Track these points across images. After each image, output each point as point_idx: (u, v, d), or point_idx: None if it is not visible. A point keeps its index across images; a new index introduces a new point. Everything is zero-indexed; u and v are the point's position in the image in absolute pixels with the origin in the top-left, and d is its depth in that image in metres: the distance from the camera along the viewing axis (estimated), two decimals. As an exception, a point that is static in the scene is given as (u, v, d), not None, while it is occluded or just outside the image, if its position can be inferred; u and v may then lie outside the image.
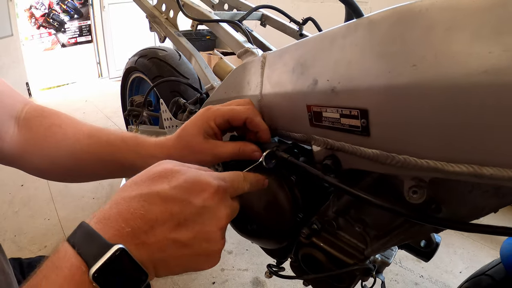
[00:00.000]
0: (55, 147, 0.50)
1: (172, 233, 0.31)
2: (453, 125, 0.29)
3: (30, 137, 0.50)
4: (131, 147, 0.49)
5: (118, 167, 0.51)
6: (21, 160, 0.51)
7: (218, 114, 0.46)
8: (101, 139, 0.50)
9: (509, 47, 0.27)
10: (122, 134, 0.51)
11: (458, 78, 0.28)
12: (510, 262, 0.77)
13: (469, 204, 0.40)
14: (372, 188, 0.44)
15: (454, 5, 0.30)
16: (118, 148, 0.50)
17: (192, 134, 0.47)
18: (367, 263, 0.50)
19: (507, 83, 0.27)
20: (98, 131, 0.51)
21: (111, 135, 0.51)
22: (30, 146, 0.50)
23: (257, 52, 0.64)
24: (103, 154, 0.50)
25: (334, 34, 0.38)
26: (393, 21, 0.33)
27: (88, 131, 0.51)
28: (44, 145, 0.50)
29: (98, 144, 0.50)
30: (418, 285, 1.41)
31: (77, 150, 0.50)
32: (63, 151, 0.50)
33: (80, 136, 0.50)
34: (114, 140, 0.50)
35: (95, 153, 0.50)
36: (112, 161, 0.50)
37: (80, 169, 0.51)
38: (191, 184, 0.32)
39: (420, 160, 0.32)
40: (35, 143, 0.50)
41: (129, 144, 0.50)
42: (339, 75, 0.36)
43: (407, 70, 0.30)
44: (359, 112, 0.35)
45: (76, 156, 0.50)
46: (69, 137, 0.50)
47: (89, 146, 0.50)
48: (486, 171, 0.30)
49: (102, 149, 0.50)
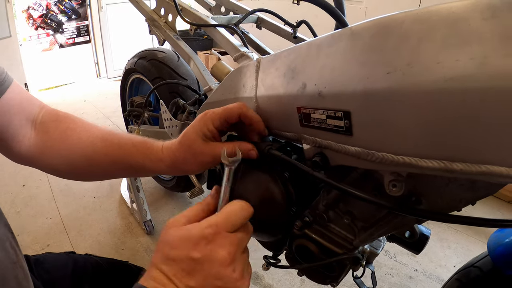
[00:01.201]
0: (70, 150, 0.54)
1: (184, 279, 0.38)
2: (423, 126, 0.33)
3: (47, 140, 0.54)
4: (141, 151, 0.53)
5: (129, 168, 0.55)
6: (39, 161, 0.55)
7: (214, 116, 0.49)
8: (113, 143, 0.54)
9: (474, 55, 0.31)
10: (132, 138, 0.55)
11: (428, 84, 0.32)
12: (496, 254, 0.80)
13: (447, 197, 0.43)
14: (358, 183, 0.48)
15: (425, 18, 0.34)
16: (129, 152, 0.53)
17: (192, 139, 0.50)
18: (356, 253, 0.53)
19: (471, 88, 0.31)
20: (110, 135, 0.55)
21: (122, 140, 0.54)
22: (47, 148, 0.54)
23: (252, 56, 0.68)
24: (115, 157, 0.54)
25: (321, 42, 0.42)
26: (372, 32, 0.36)
27: (101, 135, 0.55)
28: (61, 148, 0.54)
29: (110, 147, 0.54)
30: (413, 279, 1.44)
31: (91, 152, 0.54)
32: (78, 154, 0.54)
33: (94, 139, 0.54)
34: (125, 145, 0.54)
35: (108, 155, 0.54)
36: (124, 163, 0.54)
37: (94, 169, 0.56)
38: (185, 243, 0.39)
39: (396, 156, 0.36)
40: (52, 146, 0.54)
41: (139, 149, 0.53)
42: (325, 80, 0.40)
43: (382, 77, 0.34)
44: (342, 114, 0.38)
45: (90, 158, 0.54)
46: (83, 141, 0.54)
47: (102, 149, 0.54)
48: (456, 166, 0.33)
49: (114, 152, 0.53)
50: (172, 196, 1.96)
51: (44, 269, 0.67)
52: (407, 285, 1.41)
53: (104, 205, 1.87)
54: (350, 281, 0.96)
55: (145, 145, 0.54)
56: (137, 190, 1.63)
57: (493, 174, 0.32)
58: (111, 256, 1.46)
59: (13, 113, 0.52)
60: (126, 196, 1.85)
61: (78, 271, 0.70)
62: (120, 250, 1.56)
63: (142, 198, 1.64)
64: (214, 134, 0.51)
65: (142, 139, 0.55)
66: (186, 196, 1.93)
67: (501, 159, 0.31)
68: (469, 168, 0.33)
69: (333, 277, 0.56)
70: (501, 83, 0.29)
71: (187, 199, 1.93)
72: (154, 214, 1.79)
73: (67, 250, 1.14)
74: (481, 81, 0.30)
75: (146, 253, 1.54)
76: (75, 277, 0.69)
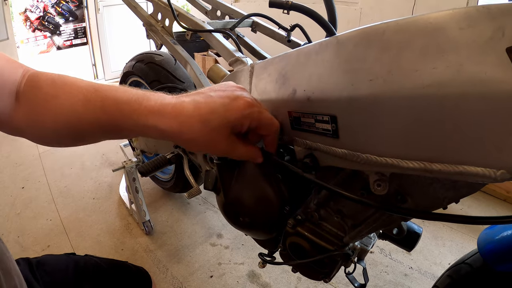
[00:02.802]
0: (54, 121, 0.47)
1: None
2: (404, 129, 0.36)
3: (29, 111, 0.48)
4: (127, 115, 0.45)
5: (116, 133, 0.48)
6: (26, 133, 0.49)
7: (261, 118, 0.45)
8: (96, 107, 0.46)
9: (450, 63, 0.33)
10: (117, 97, 0.46)
11: (407, 91, 0.34)
12: (486, 251, 0.82)
13: (431, 195, 0.46)
14: (346, 183, 0.50)
15: (405, 28, 0.36)
16: (113, 116, 0.45)
17: (221, 124, 0.43)
18: (346, 249, 0.56)
19: (447, 94, 0.33)
20: (94, 95, 0.47)
21: (106, 100, 0.46)
22: (31, 120, 0.48)
23: (246, 61, 0.70)
24: (100, 121, 0.46)
25: (309, 50, 0.45)
26: (356, 41, 0.39)
27: (83, 96, 0.47)
28: (43, 119, 0.47)
29: (93, 112, 0.46)
30: (408, 276, 1.45)
31: (75, 121, 0.47)
32: (61, 123, 0.47)
33: (76, 104, 0.46)
34: (109, 107, 0.46)
35: (92, 121, 0.46)
36: (110, 129, 0.47)
37: (81, 135, 0.49)
38: None
39: (379, 157, 0.38)
40: (34, 118, 0.48)
41: (124, 112, 0.45)
42: (313, 86, 0.43)
43: (365, 84, 0.36)
44: (329, 118, 0.41)
45: (74, 125, 0.47)
46: (66, 108, 0.47)
47: (86, 114, 0.46)
48: (435, 167, 0.36)
49: (97, 116, 0.46)
50: (170, 197, 1.98)
51: (45, 272, 0.67)
52: (402, 282, 1.42)
53: (103, 206, 1.89)
54: (346, 279, 0.98)
55: (130, 106, 0.45)
56: (136, 191, 1.64)
57: (470, 174, 0.34)
58: (111, 256, 1.48)
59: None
60: (125, 197, 1.87)
61: (79, 273, 0.71)
62: (119, 250, 1.58)
63: (141, 199, 1.66)
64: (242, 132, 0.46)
65: (128, 96, 0.46)
66: (184, 196, 1.95)
67: (477, 160, 0.33)
68: (447, 168, 0.35)
69: (325, 273, 0.59)
70: (475, 89, 0.31)
71: (185, 200, 1.95)
72: (153, 215, 1.81)
73: (67, 251, 1.15)
74: (457, 87, 0.32)
75: (145, 253, 1.56)
76: (76, 278, 0.69)
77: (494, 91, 0.30)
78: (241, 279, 1.42)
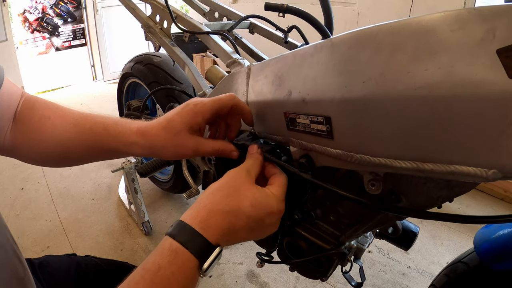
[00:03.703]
0: (44, 140, 0.52)
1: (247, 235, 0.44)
2: (396, 130, 0.36)
3: (22, 130, 0.52)
4: (113, 135, 0.52)
5: (102, 153, 0.54)
6: (15, 151, 0.54)
7: (206, 109, 0.49)
8: (85, 128, 0.53)
9: (442, 65, 0.34)
10: (104, 121, 0.53)
11: (399, 92, 0.35)
12: (482, 250, 0.82)
13: (425, 195, 0.46)
14: (342, 182, 0.51)
15: (397, 30, 0.37)
16: (100, 136, 0.52)
17: (178, 129, 0.49)
18: (343, 248, 0.56)
19: (439, 95, 0.34)
20: (83, 119, 0.54)
21: (94, 124, 0.53)
22: (22, 140, 0.53)
23: (243, 62, 0.71)
24: (87, 142, 0.52)
25: (305, 52, 0.45)
26: (350, 44, 0.39)
27: (74, 120, 0.53)
28: (35, 138, 0.52)
29: (82, 133, 0.52)
30: (406, 275, 1.46)
31: (65, 140, 0.52)
32: (52, 142, 0.52)
33: (67, 125, 0.53)
34: (97, 129, 0.52)
35: (81, 141, 0.53)
36: (97, 148, 0.53)
37: (68, 156, 0.54)
38: (265, 207, 0.44)
39: (373, 158, 0.39)
40: (27, 137, 0.53)
41: (110, 133, 0.52)
42: (308, 88, 0.43)
43: (358, 86, 0.37)
44: (324, 119, 0.42)
45: (64, 145, 0.53)
46: (57, 128, 0.53)
47: (76, 135, 0.52)
48: (427, 167, 0.36)
49: (86, 137, 0.52)
50: (169, 197, 1.98)
51: (47, 273, 0.68)
52: (400, 281, 1.43)
53: (103, 207, 1.89)
54: (344, 278, 0.99)
55: (116, 128, 0.52)
56: (135, 192, 1.65)
57: (461, 174, 0.34)
58: (110, 257, 1.49)
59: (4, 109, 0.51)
60: (124, 198, 1.88)
61: (81, 274, 0.71)
62: (119, 251, 1.58)
63: (140, 200, 1.66)
64: (202, 127, 0.51)
65: (114, 120, 0.54)
66: (183, 197, 1.95)
67: (468, 160, 0.34)
68: (439, 168, 0.36)
69: (322, 271, 0.59)
70: (466, 90, 0.32)
71: (184, 200, 1.95)
72: (152, 215, 1.82)
73: (66, 251, 1.16)
74: (448, 89, 0.33)
75: (144, 254, 1.57)
76: (78, 279, 0.70)
77: (485, 92, 0.31)
78: (240, 279, 1.43)
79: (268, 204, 0.44)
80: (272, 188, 0.46)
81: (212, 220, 0.41)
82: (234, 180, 0.45)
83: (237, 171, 0.46)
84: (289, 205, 0.58)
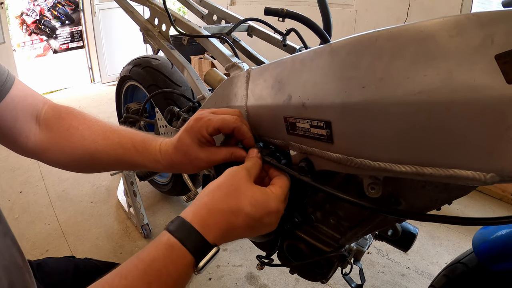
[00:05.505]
0: (74, 148, 0.57)
1: (244, 233, 0.44)
2: (396, 134, 0.37)
3: (51, 137, 0.57)
4: (140, 152, 0.56)
5: (129, 166, 0.58)
6: (44, 156, 0.58)
7: (209, 124, 0.51)
8: (114, 142, 0.57)
9: (441, 70, 0.34)
10: (132, 137, 0.57)
11: (398, 98, 0.35)
12: (480, 250, 0.83)
13: (424, 198, 0.47)
14: (342, 186, 0.51)
15: (396, 36, 0.37)
16: (129, 151, 0.56)
17: (188, 144, 0.52)
18: (342, 251, 0.57)
19: (438, 100, 0.34)
20: (111, 133, 0.58)
21: (123, 139, 0.57)
22: (52, 145, 0.57)
23: (243, 66, 0.71)
24: (115, 155, 0.57)
25: (304, 57, 0.46)
26: (349, 49, 0.40)
27: (103, 133, 0.58)
28: (65, 145, 0.57)
29: (111, 146, 0.57)
30: (405, 276, 1.46)
31: (94, 150, 0.57)
32: (80, 150, 0.57)
33: (96, 137, 0.57)
34: (126, 144, 0.56)
35: (110, 154, 0.57)
36: (124, 162, 0.57)
37: (96, 164, 0.59)
38: (264, 207, 0.44)
39: (373, 162, 0.39)
40: (56, 143, 0.57)
41: (138, 150, 0.56)
42: (308, 92, 0.44)
43: (358, 91, 0.38)
44: (324, 123, 0.42)
45: (93, 155, 0.57)
46: (86, 139, 0.57)
47: (104, 147, 0.57)
48: (426, 171, 0.37)
49: (115, 150, 0.56)
50: (168, 200, 1.98)
51: (46, 274, 0.68)
52: (400, 282, 1.43)
53: (102, 210, 1.89)
54: (343, 280, 0.98)
55: (143, 145, 0.56)
56: (134, 195, 1.65)
57: (460, 177, 0.35)
58: (110, 260, 1.48)
59: (19, 110, 0.54)
60: (123, 201, 1.87)
61: (79, 275, 0.72)
62: (118, 254, 1.58)
63: (139, 203, 1.66)
64: (209, 139, 0.52)
65: (142, 138, 0.57)
66: (182, 200, 1.95)
67: (467, 164, 0.34)
68: (438, 172, 0.36)
69: (322, 274, 0.60)
70: (464, 95, 0.32)
71: (183, 203, 1.95)
72: (151, 218, 1.81)
73: (66, 254, 1.15)
74: (447, 94, 0.33)
75: (143, 257, 1.56)
76: (76, 281, 0.70)
77: (483, 98, 0.31)
78: (239, 281, 1.43)
79: (267, 204, 0.44)
80: (272, 188, 0.47)
81: (212, 220, 0.42)
82: (234, 179, 0.45)
83: (237, 170, 0.47)
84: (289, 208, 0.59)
